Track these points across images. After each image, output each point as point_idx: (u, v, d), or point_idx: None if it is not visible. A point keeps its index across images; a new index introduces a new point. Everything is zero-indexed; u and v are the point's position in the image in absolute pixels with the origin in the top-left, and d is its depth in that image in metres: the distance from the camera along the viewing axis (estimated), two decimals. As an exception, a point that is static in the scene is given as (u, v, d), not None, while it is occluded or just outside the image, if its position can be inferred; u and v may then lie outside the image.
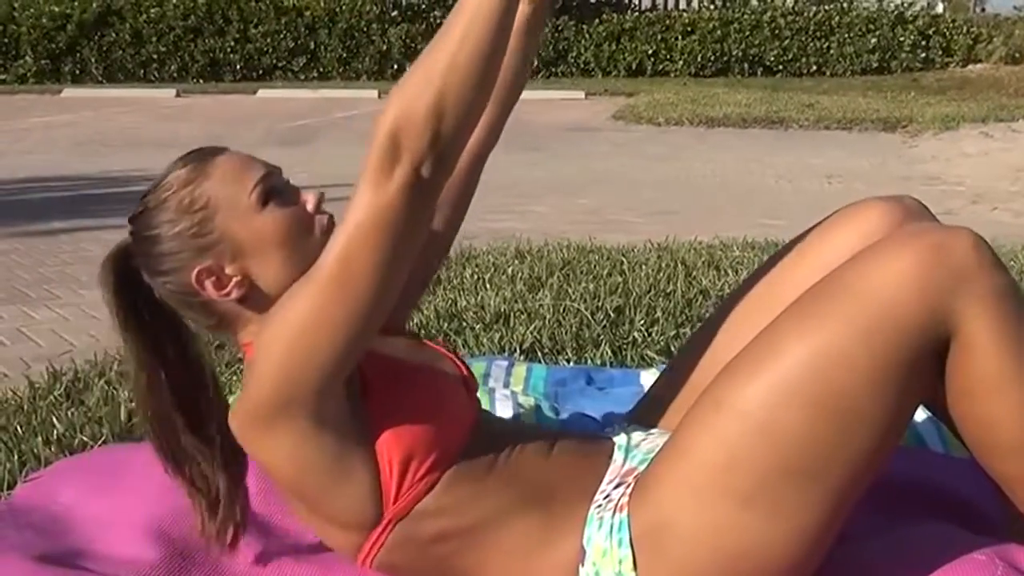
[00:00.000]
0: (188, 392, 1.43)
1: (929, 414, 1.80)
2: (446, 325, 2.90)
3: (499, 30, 1.17)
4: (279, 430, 1.27)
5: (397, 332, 1.53)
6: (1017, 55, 15.86)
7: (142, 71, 16.09)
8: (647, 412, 1.60)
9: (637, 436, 1.50)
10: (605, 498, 1.36)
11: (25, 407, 2.32)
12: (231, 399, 2.11)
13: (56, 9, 15.79)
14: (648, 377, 2.36)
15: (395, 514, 1.33)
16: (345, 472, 1.30)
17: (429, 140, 1.16)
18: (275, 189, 1.38)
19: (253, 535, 1.57)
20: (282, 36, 16.05)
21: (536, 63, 16.05)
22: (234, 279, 1.36)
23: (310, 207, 1.40)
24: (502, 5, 1.17)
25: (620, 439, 1.49)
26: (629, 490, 1.35)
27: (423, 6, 16.08)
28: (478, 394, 1.51)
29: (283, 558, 1.54)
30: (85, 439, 2.13)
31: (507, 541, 1.35)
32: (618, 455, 1.44)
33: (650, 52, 16.04)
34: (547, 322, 2.91)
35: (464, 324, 2.90)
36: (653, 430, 1.52)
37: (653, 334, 2.81)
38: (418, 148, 1.16)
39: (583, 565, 1.33)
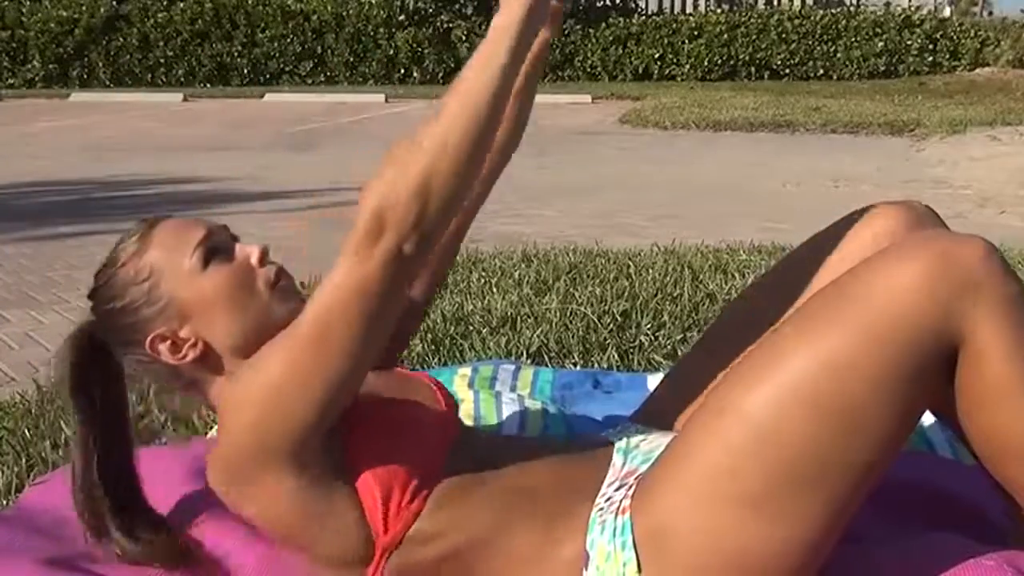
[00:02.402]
0: (121, 470, 1.48)
1: (938, 419, 1.79)
2: (452, 329, 2.90)
3: (491, 116, 1.19)
4: (258, 480, 1.29)
5: (377, 368, 1.55)
6: (1024, 58, 15.85)
7: (149, 75, 16.14)
8: (651, 414, 1.60)
9: (636, 437, 1.49)
10: (606, 500, 1.36)
11: (33, 411, 2.33)
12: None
13: (64, 14, 15.85)
14: (655, 381, 2.36)
15: (386, 546, 1.34)
16: (331, 513, 1.32)
17: (413, 220, 1.18)
18: (216, 249, 1.41)
19: (256, 536, 1.57)
20: (289, 40, 16.08)
21: (543, 67, 16.02)
22: (188, 342, 1.38)
23: (253, 261, 1.42)
24: (496, 92, 1.19)
25: (619, 442, 1.49)
26: (631, 492, 1.34)
27: (430, 10, 16.11)
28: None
29: (287, 561, 1.54)
30: (93, 443, 2.13)
31: (513, 549, 1.35)
32: (617, 458, 1.44)
33: (657, 56, 16.05)
34: (554, 326, 2.91)
35: (471, 328, 2.91)
36: (653, 431, 1.52)
37: (660, 338, 2.81)
38: (402, 226, 1.18)
39: (587, 569, 1.33)
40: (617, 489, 1.37)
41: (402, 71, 16.14)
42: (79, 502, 1.45)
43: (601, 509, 1.35)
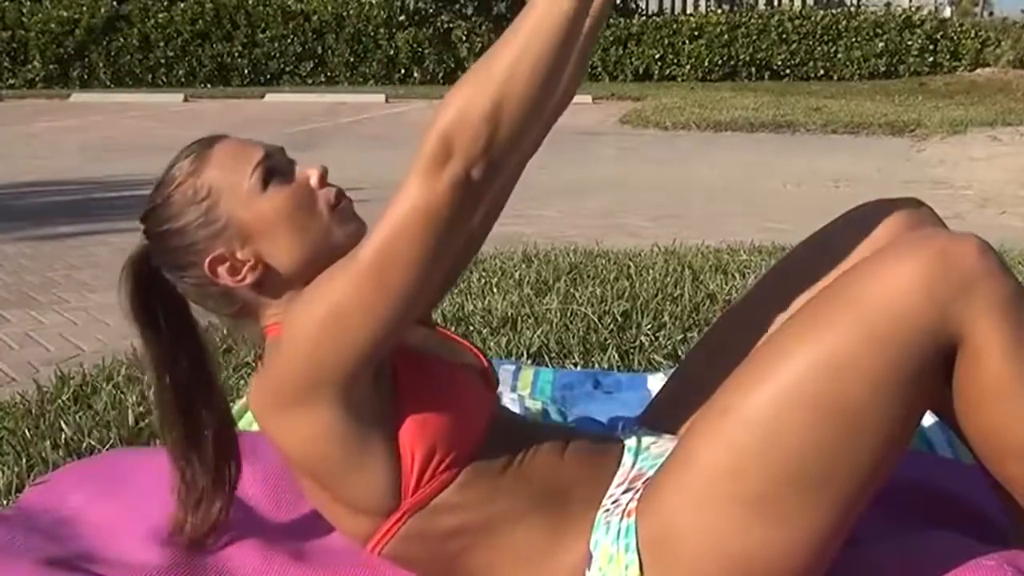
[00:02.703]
0: (191, 396, 1.45)
1: (936, 419, 1.79)
2: (453, 329, 2.90)
3: (563, 43, 1.15)
4: (303, 411, 1.26)
5: (422, 323, 1.53)
6: (1025, 59, 15.85)
7: (150, 76, 16.15)
8: (657, 416, 1.60)
9: (647, 439, 1.49)
10: (613, 502, 1.36)
11: (33, 411, 2.33)
12: (238, 404, 2.11)
13: (64, 14, 15.85)
14: (655, 381, 2.36)
15: (412, 505, 1.32)
16: (366, 459, 1.29)
17: (483, 144, 1.14)
18: (275, 170, 1.37)
19: (259, 537, 1.57)
20: (290, 41, 16.09)
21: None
22: (247, 264, 1.35)
23: (313, 182, 1.39)
24: (568, 16, 1.15)
25: (630, 441, 1.49)
26: (638, 495, 1.34)
27: (430, 11, 16.11)
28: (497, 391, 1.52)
29: (288, 560, 1.54)
30: (93, 443, 2.13)
31: (517, 542, 1.35)
32: (627, 458, 1.44)
33: (657, 56, 16.05)
34: (554, 326, 2.91)
35: (471, 328, 2.91)
36: (664, 434, 1.52)
37: (660, 338, 2.81)
38: (471, 151, 1.14)
39: (589, 569, 1.33)
40: (625, 491, 1.37)
41: (402, 71, 16.14)
42: (164, 430, 1.46)
43: (607, 510, 1.35)
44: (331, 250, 1.34)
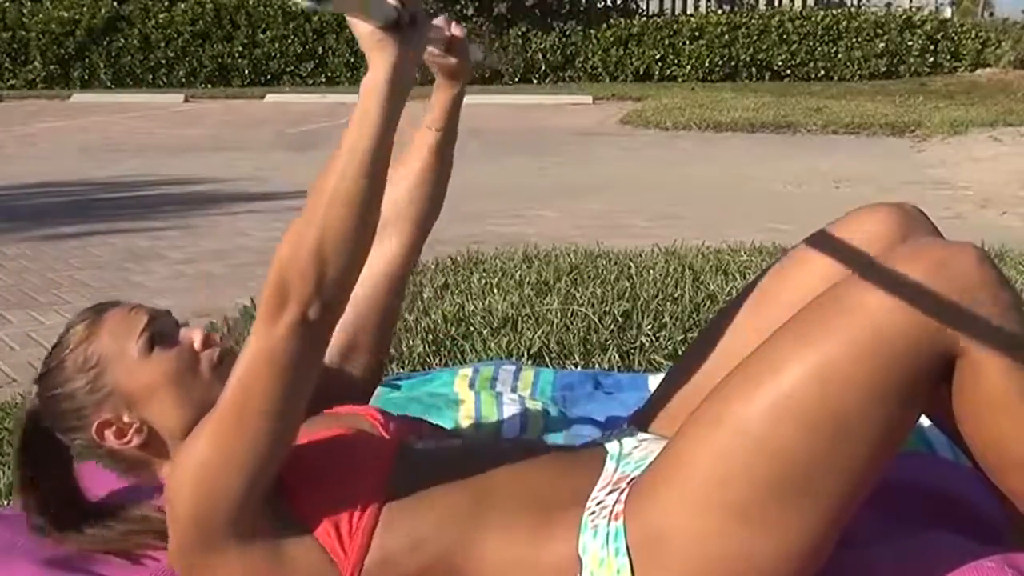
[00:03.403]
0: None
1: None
2: (454, 330, 2.90)
3: (368, 186, 1.21)
4: (214, 560, 1.31)
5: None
6: (1026, 59, 15.85)
7: (151, 76, 16.14)
8: (650, 416, 1.60)
9: (630, 444, 1.49)
10: (598, 504, 1.35)
11: (34, 411, 2.32)
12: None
13: (65, 15, 15.85)
14: (656, 382, 2.35)
15: (352, 568, 1.33)
16: (293, 563, 1.32)
17: (313, 287, 1.20)
18: (159, 334, 1.44)
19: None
20: (290, 41, 16.09)
21: (544, 68, 16.10)
22: (132, 427, 1.41)
23: (196, 345, 1.45)
24: (372, 152, 1.21)
25: (612, 447, 1.49)
26: (624, 496, 1.34)
27: (431, 11, 16.10)
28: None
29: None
30: (94, 443, 2.13)
31: (496, 554, 1.33)
32: (609, 461, 1.44)
33: (658, 57, 16.05)
34: (555, 327, 2.91)
35: (472, 329, 2.91)
36: (648, 436, 1.52)
37: (661, 339, 2.81)
38: (303, 295, 1.20)
39: (580, 574, 1.32)
40: (609, 493, 1.36)
41: (403, 72, 16.13)
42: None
43: (592, 513, 1.34)
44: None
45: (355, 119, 1.23)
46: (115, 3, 15.99)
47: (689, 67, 15.96)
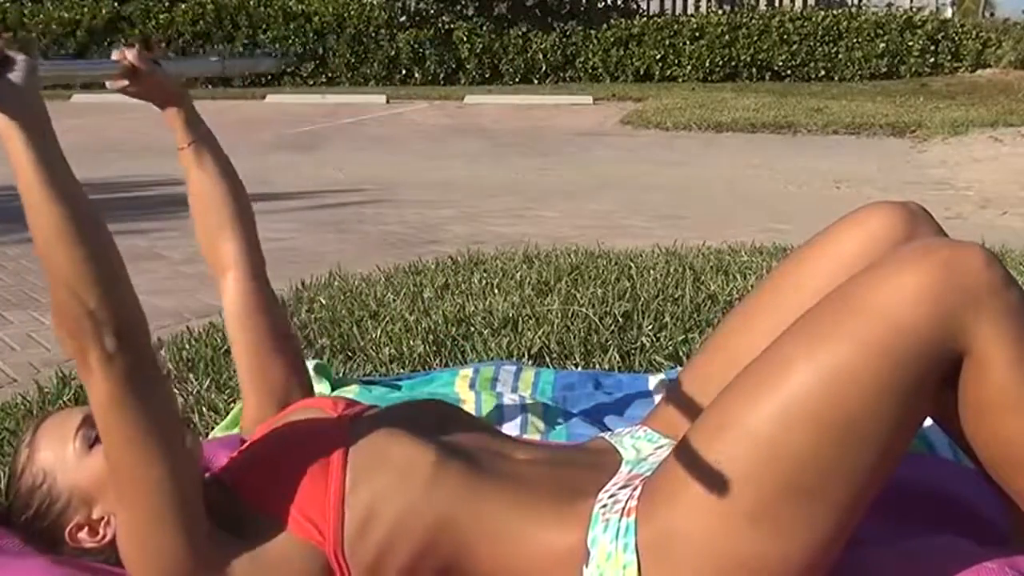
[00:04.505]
0: None
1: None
2: (454, 330, 2.90)
3: (67, 224, 1.21)
4: None
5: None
6: (1026, 60, 15.84)
7: (151, 77, 16.12)
8: (661, 418, 1.60)
9: (643, 442, 1.49)
10: (611, 498, 1.35)
11: (34, 412, 2.33)
12: (235, 408, 2.11)
13: (66, 15, 15.85)
14: (656, 382, 2.36)
15: (333, 546, 1.33)
16: (278, 564, 1.33)
17: (89, 323, 1.20)
18: (95, 430, 1.42)
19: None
20: (291, 41, 16.08)
21: (545, 68, 16.11)
22: (102, 521, 1.41)
23: None
24: (49, 205, 1.21)
25: (624, 443, 1.49)
26: (637, 493, 1.34)
27: (431, 11, 16.11)
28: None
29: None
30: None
31: (491, 534, 1.34)
32: (622, 458, 1.45)
33: (658, 57, 16.05)
34: (555, 327, 2.91)
35: (472, 329, 2.90)
36: (661, 436, 1.52)
37: (661, 339, 2.81)
38: (86, 334, 1.20)
39: (587, 566, 1.32)
40: (622, 488, 1.36)
41: (403, 72, 16.13)
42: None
43: (604, 506, 1.34)
44: None
45: (17, 180, 1.22)
46: (116, 4, 15.99)
47: (689, 67, 15.96)
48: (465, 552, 1.34)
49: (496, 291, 3.36)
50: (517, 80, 15.91)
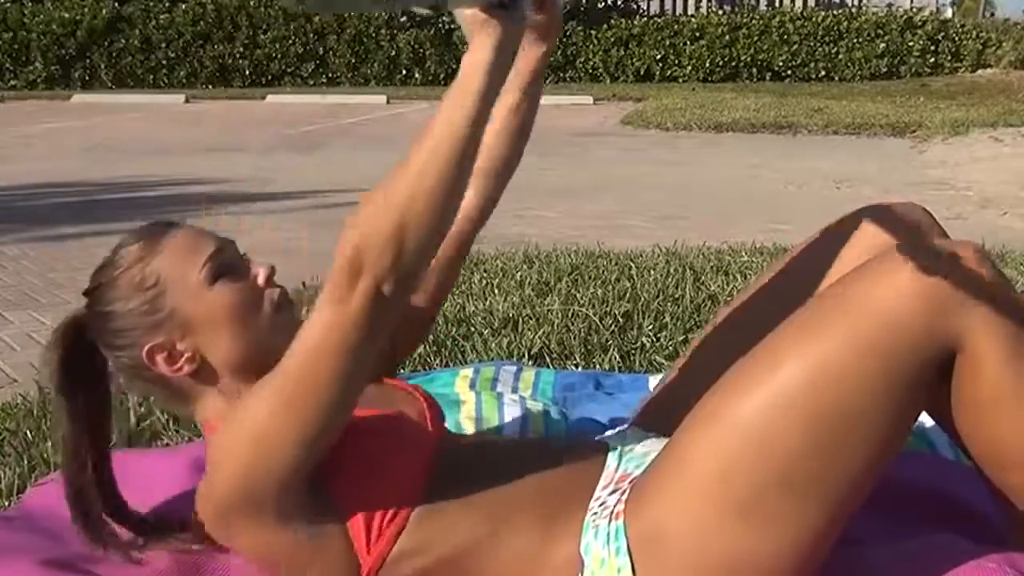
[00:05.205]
0: (110, 475, 1.49)
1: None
2: (455, 330, 2.90)
3: (460, 163, 1.18)
4: (246, 523, 1.30)
5: None
6: (1026, 60, 15.83)
7: (151, 77, 16.16)
8: (651, 415, 1.60)
9: (632, 441, 1.49)
10: (600, 505, 1.35)
11: (35, 412, 2.33)
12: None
13: (66, 16, 15.86)
14: (656, 382, 2.36)
15: (371, 568, 1.33)
16: (317, 545, 1.32)
17: (390, 262, 1.17)
18: (225, 265, 1.40)
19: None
20: (291, 42, 16.09)
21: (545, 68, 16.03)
22: (185, 355, 1.38)
23: (260, 281, 1.42)
24: (467, 134, 1.17)
25: (614, 444, 1.49)
26: (625, 496, 1.34)
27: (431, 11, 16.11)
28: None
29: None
30: (94, 444, 2.13)
31: (504, 555, 1.34)
32: (611, 460, 1.44)
33: (658, 57, 16.05)
34: (555, 327, 2.91)
35: (473, 329, 2.91)
36: (651, 434, 1.52)
37: (662, 339, 2.81)
38: (379, 269, 1.18)
39: (582, 574, 1.32)
40: (611, 493, 1.36)
41: (404, 72, 16.14)
42: (74, 506, 1.44)
43: (595, 513, 1.34)
44: (269, 350, 1.37)
45: (453, 97, 1.18)
46: (116, 4, 16.00)
47: (690, 67, 15.97)
48: (470, 573, 1.36)
49: (496, 291, 3.36)
50: (517, 80, 15.90)
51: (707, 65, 15.95)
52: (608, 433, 1.60)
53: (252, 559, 1.36)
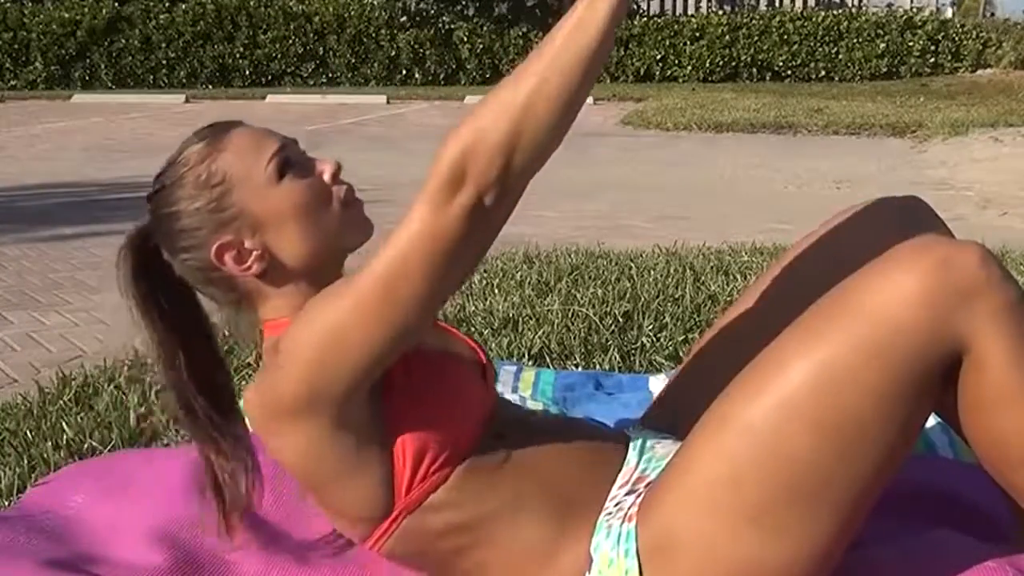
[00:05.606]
0: (207, 372, 1.42)
1: (939, 420, 1.79)
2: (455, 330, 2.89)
3: (588, 70, 1.14)
4: (298, 425, 1.26)
5: None
6: (1026, 60, 15.83)
7: (151, 77, 16.15)
8: (659, 416, 1.59)
9: (652, 439, 1.49)
10: (615, 504, 1.35)
11: (35, 412, 2.33)
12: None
13: (66, 15, 15.86)
14: (656, 382, 2.36)
15: (405, 507, 1.32)
16: (360, 467, 1.29)
17: (498, 172, 1.13)
18: (291, 161, 1.37)
19: (262, 541, 1.57)
20: (291, 42, 16.09)
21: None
22: (254, 253, 1.34)
23: (327, 178, 1.38)
24: (590, 50, 1.14)
25: (636, 440, 1.48)
26: (639, 499, 1.34)
27: (432, 12, 16.11)
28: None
29: (290, 561, 1.54)
30: (94, 444, 2.13)
31: (515, 541, 1.34)
32: (632, 455, 1.43)
33: (658, 57, 16.05)
34: (555, 327, 2.91)
35: (473, 329, 2.91)
36: (667, 435, 1.52)
37: (662, 339, 2.81)
38: (485, 178, 1.13)
39: (589, 572, 1.32)
40: (627, 494, 1.36)
41: (404, 72, 16.13)
42: (180, 406, 1.40)
43: (609, 513, 1.34)
44: (339, 247, 1.36)
45: (576, 17, 1.14)
46: (116, 4, 16.00)
47: (690, 68, 15.96)
48: (484, 562, 1.36)
49: (496, 291, 3.36)
50: (517, 80, 15.90)
51: (707, 65, 15.94)
52: (630, 428, 1.59)
53: (292, 468, 1.32)
